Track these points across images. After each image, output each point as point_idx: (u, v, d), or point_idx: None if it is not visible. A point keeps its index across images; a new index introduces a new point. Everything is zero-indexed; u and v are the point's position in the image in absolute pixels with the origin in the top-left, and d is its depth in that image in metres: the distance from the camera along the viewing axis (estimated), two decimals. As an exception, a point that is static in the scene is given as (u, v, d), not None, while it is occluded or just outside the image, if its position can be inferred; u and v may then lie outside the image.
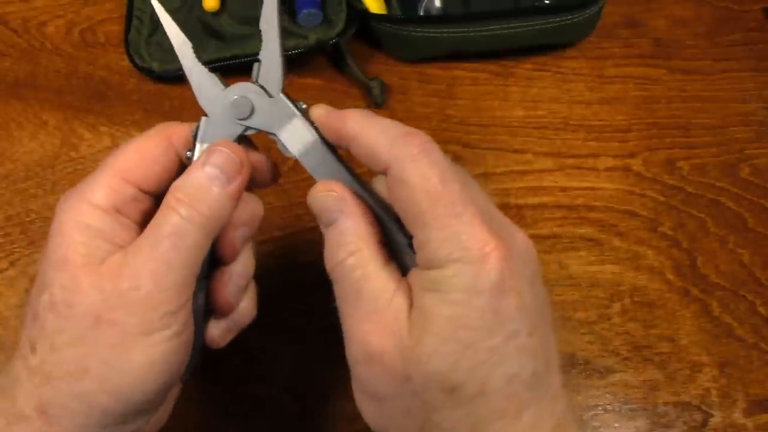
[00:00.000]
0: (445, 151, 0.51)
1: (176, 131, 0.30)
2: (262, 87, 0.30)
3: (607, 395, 0.40)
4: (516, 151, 0.50)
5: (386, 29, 0.51)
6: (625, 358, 0.42)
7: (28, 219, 0.47)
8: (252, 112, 0.30)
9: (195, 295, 0.28)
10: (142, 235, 0.27)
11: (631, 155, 0.49)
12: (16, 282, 0.44)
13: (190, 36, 0.33)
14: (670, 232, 0.46)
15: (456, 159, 0.49)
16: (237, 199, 0.29)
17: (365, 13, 0.51)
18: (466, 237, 0.25)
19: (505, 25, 0.50)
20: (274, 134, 0.30)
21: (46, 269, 0.27)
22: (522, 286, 0.26)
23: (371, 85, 0.51)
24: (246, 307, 0.32)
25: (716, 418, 0.40)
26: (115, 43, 0.55)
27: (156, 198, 0.30)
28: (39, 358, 0.26)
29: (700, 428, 0.39)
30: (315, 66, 0.53)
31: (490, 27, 0.50)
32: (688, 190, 0.48)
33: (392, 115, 0.51)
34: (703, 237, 0.46)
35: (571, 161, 0.49)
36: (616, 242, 0.45)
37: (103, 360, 0.26)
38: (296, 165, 0.48)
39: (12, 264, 0.45)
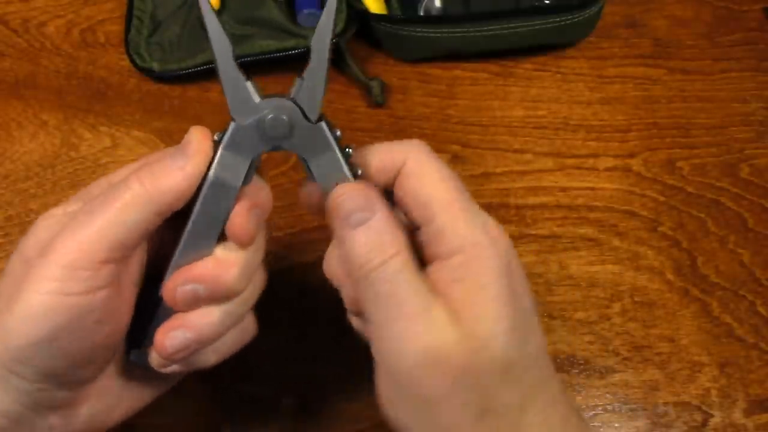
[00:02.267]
0: (445, 151, 0.51)
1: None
2: (299, 106, 0.28)
3: (607, 395, 0.40)
4: (516, 151, 0.50)
5: (386, 29, 0.51)
6: (625, 358, 0.42)
7: (28, 219, 0.47)
8: (288, 134, 0.28)
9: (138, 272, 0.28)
10: None
11: (631, 155, 0.49)
12: (16, 282, 0.44)
13: (189, 36, 0.33)
14: (670, 232, 0.46)
15: (456, 159, 0.49)
16: (191, 180, 0.28)
17: (365, 13, 0.51)
18: (480, 221, 0.27)
19: (505, 25, 0.50)
20: (304, 159, 0.28)
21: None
22: (520, 269, 0.28)
23: (371, 85, 0.51)
24: (246, 326, 0.32)
25: (716, 418, 0.40)
26: (115, 43, 0.55)
27: None
28: None
29: (700, 428, 0.39)
30: (315, 66, 0.53)
31: (490, 27, 0.50)
32: (688, 190, 0.48)
33: (392, 115, 0.51)
34: (703, 237, 0.46)
35: (571, 161, 0.49)
36: (616, 242, 0.45)
37: (11, 294, 0.26)
38: (297, 164, 0.48)
39: (12, 264, 0.45)
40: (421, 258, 0.28)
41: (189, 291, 0.29)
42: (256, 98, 0.28)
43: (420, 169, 0.28)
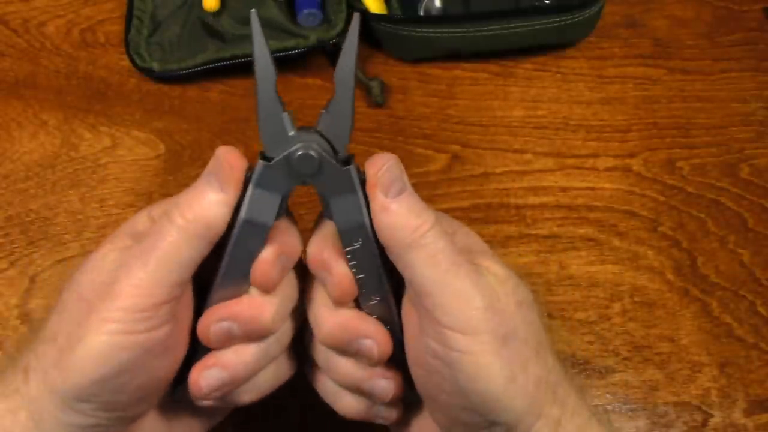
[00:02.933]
0: (445, 151, 0.51)
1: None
2: (328, 141, 0.28)
3: (607, 395, 0.40)
4: (516, 151, 0.50)
5: (386, 29, 0.51)
6: (625, 358, 0.42)
7: (28, 219, 0.47)
8: (317, 172, 0.28)
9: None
10: None
11: (631, 155, 0.49)
12: (16, 282, 0.44)
13: (189, 36, 0.33)
14: (670, 232, 0.46)
15: (456, 159, 0.49)
16: (230, 207, 0.28)
17: (365, 13, 0.51)
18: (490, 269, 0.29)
19: (505, 25, 0.50)
20: (325, 199, 0.28)
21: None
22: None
23: (371, 85, 0.51)
24: (282, 365, 0.32)
25: (716, 418, 0.40)
26: (115, 43, 0.55)
27: None
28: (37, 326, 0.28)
29: (700, 428, 0.39)
30: (315, 66, 0.53)
31: (490, 27, 0.50)
32: (688, 190, 0.48)
33: (392, 115, 0.51)
34: (703, 237, 0.46)
35: (571, 161, 0.49)
36: (616, 242, 0.45)
37: (68, 331, 0.27)
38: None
39: (12, 264, 0.45)
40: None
41: (223, 329, 0.29)
42: (290, 131, 0.28)
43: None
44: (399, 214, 0.27)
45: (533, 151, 0.49)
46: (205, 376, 0.29)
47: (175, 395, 0.31)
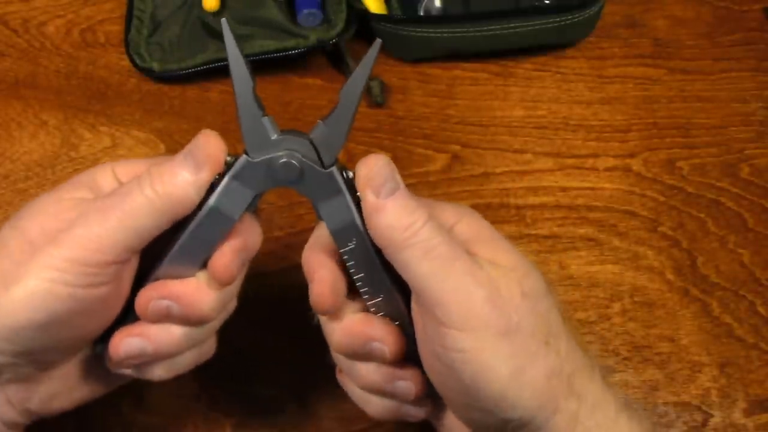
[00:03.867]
0: (445, 151, 0.51)
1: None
2: (315, 148, 0.28)
3: (607, 395, 0.40)
4: (516, 151, 0.50)
5: (386, 29, 0.51)
6: (625, 358, 0.42)
7: (28, 219, 0.47)
8: (298, 179, 0.28)
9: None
10: None
11: (631, 155, 0.49)
12: (16, 282, 0.44)
13: (189, 36, 0.33)
14: (670, 232, 0.46)
15: (456, 159, 0.49)
16: (201, 191, 0.28)
17: (365, 13, 0.51)
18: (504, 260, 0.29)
19: (505, 25, 0.50)
20: (313, 202, 0.28)
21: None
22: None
23: (371, 85, 0.51)
24: (205, 349, 0.32)
25: (716, 418, 0.40)
26: (115, 43, 0.55)
27: None
28: None
29: (700, 428, 0.39)
30: (315, 66, 0.53)
31: (490, 27, 0.50)
32: (688, 190, 0.48)
33: (392, 115, 0.51)
34: (703, 237, 0.46)
35: (571, 161, 0.49)
36: (616, 242, 0.45)
37: (4, 269, 0.26)
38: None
39: (12, 264, 0.45)
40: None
41: (162, 306, 0.28)
42: (273, 135, 0.28)
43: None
44: (390, 214, 0.27)
45: (533, 151, 0.49)
46: (127, 343, 0.29)
47: (96, 349, 0.31)
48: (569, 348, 0.28)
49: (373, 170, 0.27)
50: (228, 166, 0.28)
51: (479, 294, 0.26)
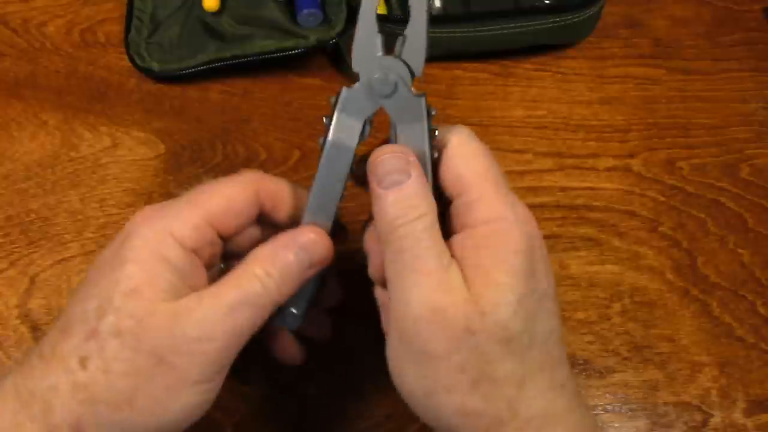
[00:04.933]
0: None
1: (265, 186, 0.31)
2: (406, 63, 0.30)
3: (607, 395, 0.40)
4: (516, 151, 0.50)
5: (386, 29, 0.51)
6: (625, 358, 0.42)
7: (28, 219, 0.47)
8: (391, 94, 0.30)
9: None
10: (223, 286, 0.28)
11: (631, 155, 0.49)
12: (16, 282, 0.44)
13: (189, 36, 0.33)
14: (670, 232, 0.46)
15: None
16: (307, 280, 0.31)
17: (365, 13, 0.51)
18: (512, 199, 0.28)
19: (505, 25, 0.50)
20: (394, 125, 0.30)
21: (112, 291, 0.27)
22: (546, 256, 0.28)
23: (371, 85, 0.51)
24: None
25: (716, 418, 0.40)
26: (115, 43, 0.55)
27: (224, 240, 0.31)
28: (89, 377, 0.26)
29: (700, 428, 0.39)
30: (315, 66, 0.53)
31: (490, 27, 0.50)
32: (688, 190, 0.48)
33: (392, 115, 0.51)
34: (703, 237, 0.46)
35: (571, 161, 0.49)
36: (616, 242, 0.45)
37: (153, 396, 0.27)
38: (298, 163, 0.48)
39: (12, 264, 0.45)
40: (450, 229, 0.29)
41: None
42: (378, 52, 0.30)
43: (460, 148, 0.29)
44: (386, 204, 0.28)
45: (533, 151, 0.49)
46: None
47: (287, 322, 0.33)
48: (527, 397, 0.27)
49: (377, 160, 0.29)
50: (334, 101, 0.30)
51: (419, 313, 0.27)
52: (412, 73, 0.30)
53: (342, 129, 0.30)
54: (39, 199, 0.47)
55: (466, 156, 0.29)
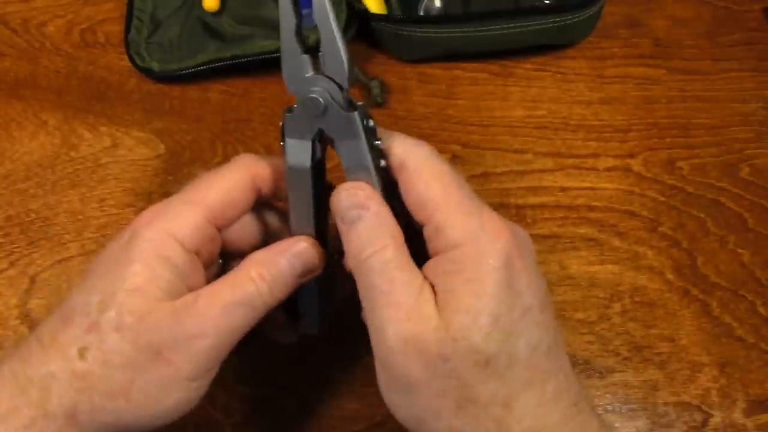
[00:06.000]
0: (445, 151, 0.51)
1: (261, 171, 0.32)
2: (332, 80, 0.29)
3: (607, 395, 0.40)
4: (516, 151, 0.50)
5: (386, 29, 0.51)
6: (625, 358, 0.42)
7: (28, 219, 0.47)
8: (323, 114, 0.29)
9: None
10: (219, 286, 0.29)
11: (631, 155, 0.49)
12: (16, 282, 0.44)
13: (189, 36, 0.33)
14: (670, 232, 0.46)
15: (456, 159, 0.49)
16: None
17: (365, 13, 0.51)
18: (479, 218, 0.28)
19: (505, 25, 0.50)
20: (332, 141, 0.30)
21: (116, 287, 0.28)
22: (529, 267, 0.28)
23: (371, 85, 0.51)
24: None
25: (716, 418, 0.40)
26: (115, 43, 0.55)
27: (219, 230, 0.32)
28: (87, 367, 0.27)
29: (700, 428, 0.39)
30: (315, 66, 0.53)
31: (490, 27, 0.50)
32: (688, 190, 0.48)
33: (392, 115, 0.51)
34: (703, 237, 0.46)
35: (571, 161, 0.49)
36: (616, 242, 0.45)
37: (147, 390, 0.28)
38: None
39: (12, 264, 0.45)
40: (426, 253, 0.29)
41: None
42: (308, 72, 0.30)
43: (418, 172, 0.29)
44: (349, 239, 0.29)
45: (533, 151, 0.49)
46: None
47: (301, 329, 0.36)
48: (516, 416, 0.27)
49: (335, 198, 0.29)
50: (282, 127, 0.31)
51: (393, 344, 0.27)
52: (340, 87, 0.29)
53: (294, 153, 0.31)
54: (39, 199, 0.47)
55: (426, 180, 0.29)
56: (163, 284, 0.28)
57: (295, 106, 0.30)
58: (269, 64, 0.51)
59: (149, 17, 0.54)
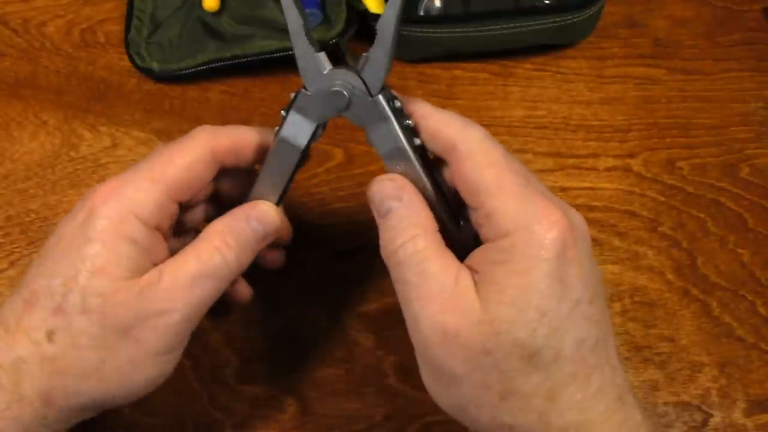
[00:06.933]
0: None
1: (221, 143, 0.31)
2: (363, 80, 0.30)
3: (607, 395, 0.40)
4: (516, 151, 0.50)
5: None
6: (625, 358, 0.42)
7: (28, 219, 0.47)
8: (347, 107, 0.30)
9: None
10: (183, 259, 0.29)
11: (631, 155, 0.49)
12: (16, 282, 0.44)
13: (189, 36, 0.33)
14: (670, 232, 0.46)
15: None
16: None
17: (365, 13, 0.51)
18: (533, 206, 0.27)
19: (505, 25, 0.50)
20: (365, 128, 0.30)
21: (77, 268, 0.28)
22: (582, 257, 0.27)
23: (371, 85, 0.51)
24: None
25: (716, 418, 0.40)
26: (115, 43, 0.55)
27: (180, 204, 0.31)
28: (56, 350, 0.27)
29: (700, 428, 0.39)
30: (315, 66, 0.53)
31: (490, 27, 0.50)
32: (688, 190, 0.48)
33: (392, 115, 0.51)
34: (703, 237, 0.46)
35: (571, 161, 0.49)
36: (616, 242, 0.45)
37: (119, 368, 0.28)
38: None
39: (12, 264, 0.45)
40: (477, 236, 0.29)
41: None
42: (326, 68, 0.30)
43: (470, 154, 0.28)
44: (383, 231, 0.29)
45: (533, 151, 0.49)
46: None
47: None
48: (559, 408, 0.27)
49: (370, 192, 0.30)
50: (291, 100, 0.31)
51: (429, 336, 0.27)
52: (369, 92, 0.30)
53: (294, 127, 0.31)
54: (39, 199, 0.47)
55: (479, 165, 0.28)
56: (126, 263, 0.28)
57: (315, 89, 0.30)
58: (269, 64, 0.51)
59: (149, 17, 0.54)
